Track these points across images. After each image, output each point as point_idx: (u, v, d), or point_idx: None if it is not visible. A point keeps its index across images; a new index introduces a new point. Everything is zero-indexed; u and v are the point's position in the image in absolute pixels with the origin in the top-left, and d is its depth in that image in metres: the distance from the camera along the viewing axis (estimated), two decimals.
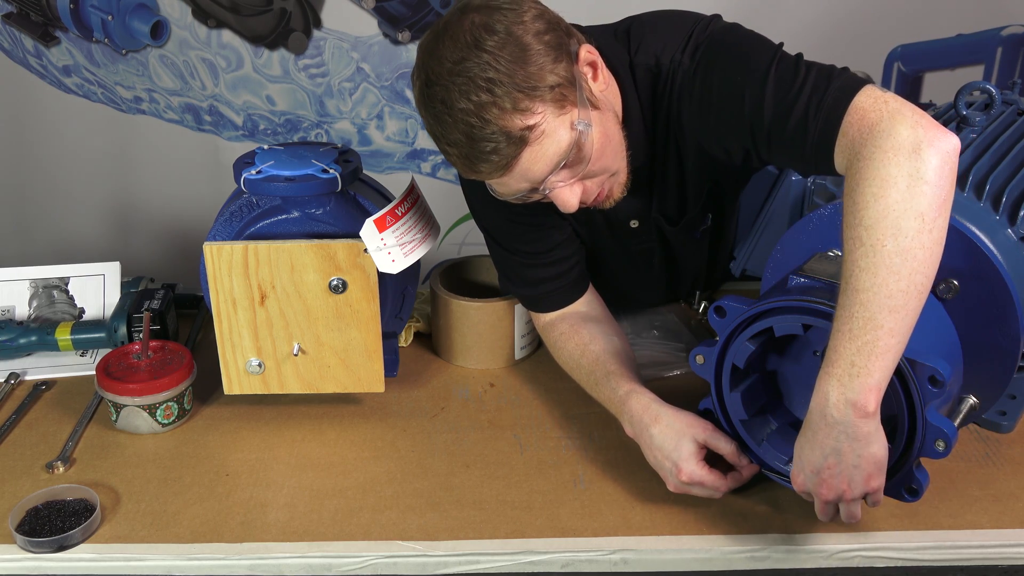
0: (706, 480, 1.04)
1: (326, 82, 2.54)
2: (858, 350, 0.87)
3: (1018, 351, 1.03)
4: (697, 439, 1.05)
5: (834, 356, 0.88)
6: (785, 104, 0.99)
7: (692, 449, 1.05)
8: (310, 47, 2.50)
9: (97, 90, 2.56)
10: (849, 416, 0.88)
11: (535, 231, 1.26)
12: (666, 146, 1.18)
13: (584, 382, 1.24)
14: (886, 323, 0.86)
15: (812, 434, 0.92)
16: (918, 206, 0.86)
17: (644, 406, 1.11)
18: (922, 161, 0.87)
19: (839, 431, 0.89)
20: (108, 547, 1.02)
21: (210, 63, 2.51)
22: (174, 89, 2.55)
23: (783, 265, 1.15)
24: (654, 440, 1.08)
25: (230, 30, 2.47)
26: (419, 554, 1.02)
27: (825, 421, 0.90)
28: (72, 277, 1.45)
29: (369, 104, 2.57)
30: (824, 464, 0.92)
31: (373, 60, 2.51)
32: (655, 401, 1.11)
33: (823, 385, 0.89)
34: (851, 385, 0.87)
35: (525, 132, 0.98)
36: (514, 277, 1.31)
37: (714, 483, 1.04)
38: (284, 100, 2.57)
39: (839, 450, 0.90)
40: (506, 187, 1.06)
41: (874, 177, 0.88)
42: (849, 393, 0.87)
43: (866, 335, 0.86)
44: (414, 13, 2.46)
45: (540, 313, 1.31)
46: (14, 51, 2.51)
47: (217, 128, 2.60)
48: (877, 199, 0.87)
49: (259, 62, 2.52)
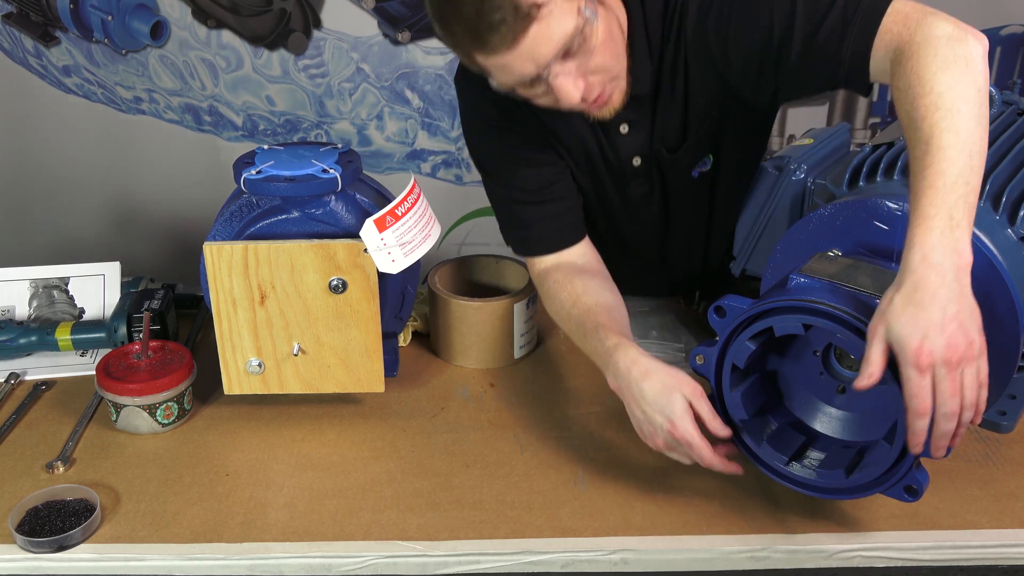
0: (695, 442, 1.02)
1: (326, 82, 2.54)
2: (954, 203, 0.87)
3: (1018, 351, 1.03)
4: (687, 396, 1.04)
5: (931, 210, 0.87)
6: (818, 10, 1.05)
7: (685, 406, 1.03)
8: (310, 47, 2.50)
9: (97, 90, 2.56)
10: (954, 263, 0.86)
11: (532, 168, 1.29)
12: (673, 70, 1.21)
13: (573, 333, 1.24)
14: (971, 181, 0.89)
15: (920, 292, 0.85)
16: (976, 81, 0.93)
17: (632, 360, 1.09)
18: (969, 48, 0.95)
19: (949, 280, 0.85)
20: (108, 547, 1.02)
21: (210, 63, 2.51)
22: (174, 89, 2.55)
23: (783, 265, 1.15)
24: (645, 395, 1.06)
25: (230, 30, 2.47)
26: (419, 554, 1.02)
27: (935, 270, 0.85)
28: (72, 277, 1.45)
29: (369, 104, 2.57)
30: (944, 318, 0.84)
31: (373, 60, 2.51)
32: (643, 355, 1.10)
33: (924, 238, 0.87)
34: (953, 236, 0.86)
35: (533, 9, 1.02)
36: (510, 220, 1.33)
37: (701, 448, 1.02)
38: (284, 100, 2.57)
39: (953, 301, 0.85)
40: (510, 71, 1.08)
41: (935, 56, 0.94)
42: (952, 242, 0.86)
43: (958, 190, 0.88)
44: (414, 13, 2.46)
45: (535, 258, 1.32)
46: (14, 51, 2.52)
47: (217, 128, 2.60)
48: (944, 72, 0.93)
49: (259, 62, 2.52)
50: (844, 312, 0.93)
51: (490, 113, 1.29)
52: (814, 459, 1.04)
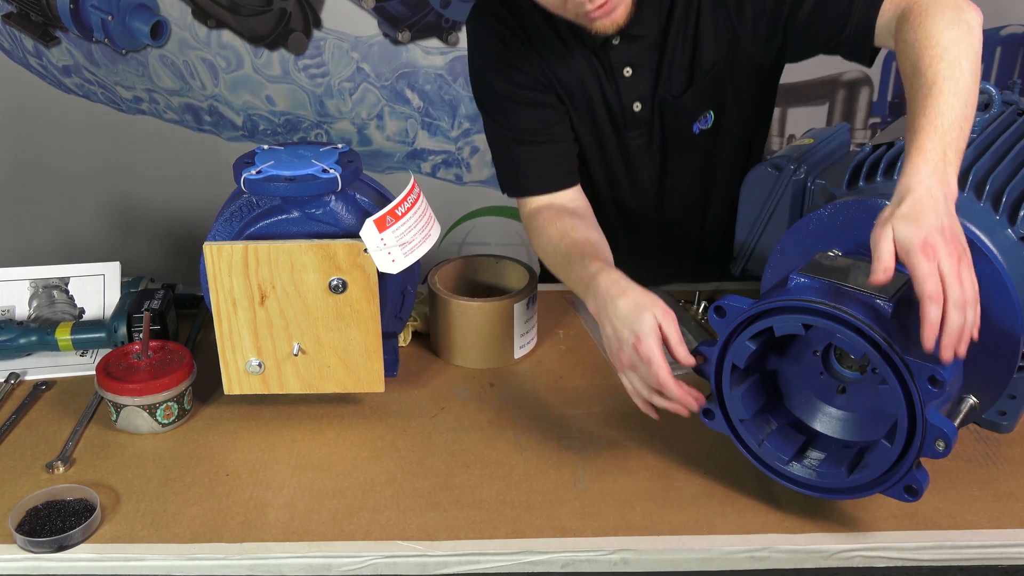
0: (655, 359, 1.03)
1: (326, 82, 2.54)
2: (949, 143, 0.95)
3: (1018, 351, 1.03)
4: (656, 316, 1.05)
5: (929, 144, 0.95)
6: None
7: (653, 325, 1.05)
8: (310, 47, 2.50)
9: (97, 90, 2.56)
10: (944, 193, 0.93)
11: (532, 108, 1.34)
12: (685, 16, 1.26)
13: (558, 265, 1.27)
14: (964, 127, 0.98)
15: (919, 205, 0.92)
16: (974, 45, 1.02)
17: (613, 280, 1.12)
18: (970, 16, 1.05)
19: (941, 203, 0.92)
20: (108, 547, 1.02)
21: (210, 63, 2.51)
22: (174, 89, 2.55)
23: (783, 265, 1.15)
24: (618, 310, 1.08)
25: (230, 30, 2.47)
26: (419, 554, 1.02)
27: (929, 193, 0.92)
28: (72, 277, 1.45)
29: (369, 104, 2.57)
30: (942, 225, 0.91)
31: (373, 60, 2.51)
32: (624, 278, 1.13)
33: (920, 167, 0.94)
34: (945, 171, 0.94)
35: None
36: (506, 160, 1.38)
37: (660, 366, 1.03)
38: (284, 100, 2.57)
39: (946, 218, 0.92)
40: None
41: (941, 15, 1.04)
42: (944, 175, 0.94)
43: (954, 132, 0.96)
44: (414, 13, 2.46)
45: (527, 198, 1.36)
46: (14, 51, 2.52)
47: (217, 128, 2.60)
48: (949, 30, 1.02)
49: (259, 62, 2.52)
50: (844, 312, 0.93)
51: (497, 51, 1.34)
52: (814, 459, 1.04)
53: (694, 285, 1.59)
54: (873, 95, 2.57)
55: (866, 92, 2.56)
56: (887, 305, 0.95)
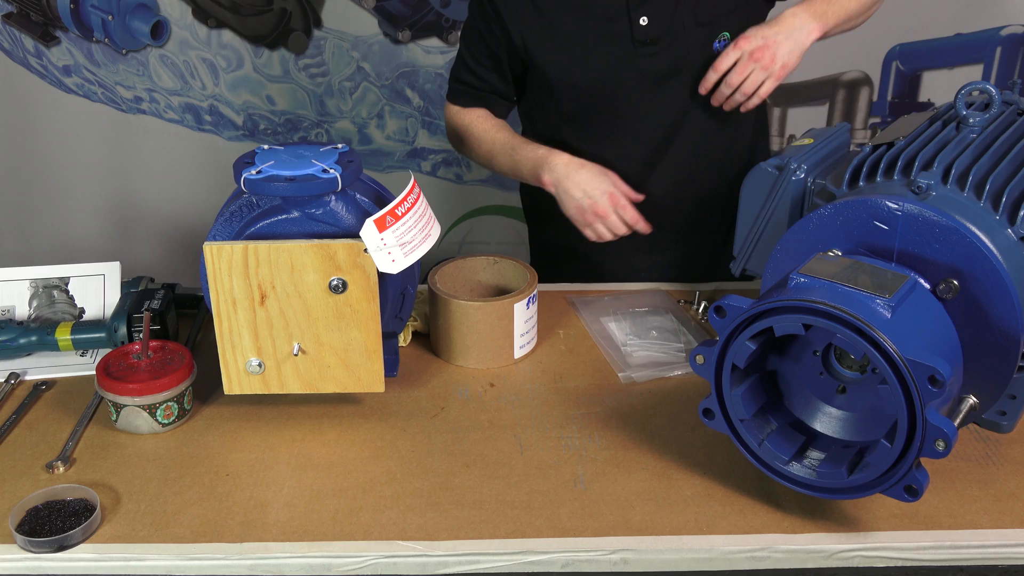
0: (624, 202, 1.42)
1: (326, 81, 2.54)
2: (830, 4, 1.40)
3: (1018, 351, 1.03)
4: (611, 180, 1.42)
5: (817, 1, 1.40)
6: None
7: (616, 180, 1.42)
8: (310, 47, 2.50)
9: (97, 90, 2.56)
10: (809, 26, 1.37)
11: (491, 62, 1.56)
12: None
13: (499, 150, 1.54)
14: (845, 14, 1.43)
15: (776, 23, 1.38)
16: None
17: (569, 158, 1.44)
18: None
19: (798, 29, 1.37)
20: (108, 547, 1.02)
21: (210, 63, 2.52)
22: (174, 89, 2.55)
23: (783, 265, 1.15)
24: (583, 177, 1.42)
25: (230, 30, 2.48)
26: (419, 554, 1.02)
27: (798, 18, 1.37)
28: (72, 277, 1.45)
29: (369, 103, 2.58)
30: (778, 36, 1.36)
31: (373, 59, 2.51)
32: (573, 156, 1.45)
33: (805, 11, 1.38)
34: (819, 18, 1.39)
35: None
36: (458, 68, 1.61)
37: (627, 206, 1.42)
38: (284, 100, 2.57)
39: (791, 34, 1.36)
40: None
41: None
42: (817, 18, 1.38)
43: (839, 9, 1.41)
44: (414, 12, 2.46)
45: (457, 106, 1.62)
46: (14, 51, 2.52)
47: (217, 128, 2.60)
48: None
49: (259, 62, 2.52)
50: (844, 312, 0.93)
51: None
52: (814, 459, 1.04)
53: (694, 285, 1.59)
54: (873, 95, 2.57)
55: (866, 92, 2.56)
56: (887, 305, 0.95)
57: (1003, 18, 2.43)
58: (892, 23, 2.43)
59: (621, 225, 1.43)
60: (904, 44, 2.49)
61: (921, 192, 1.07)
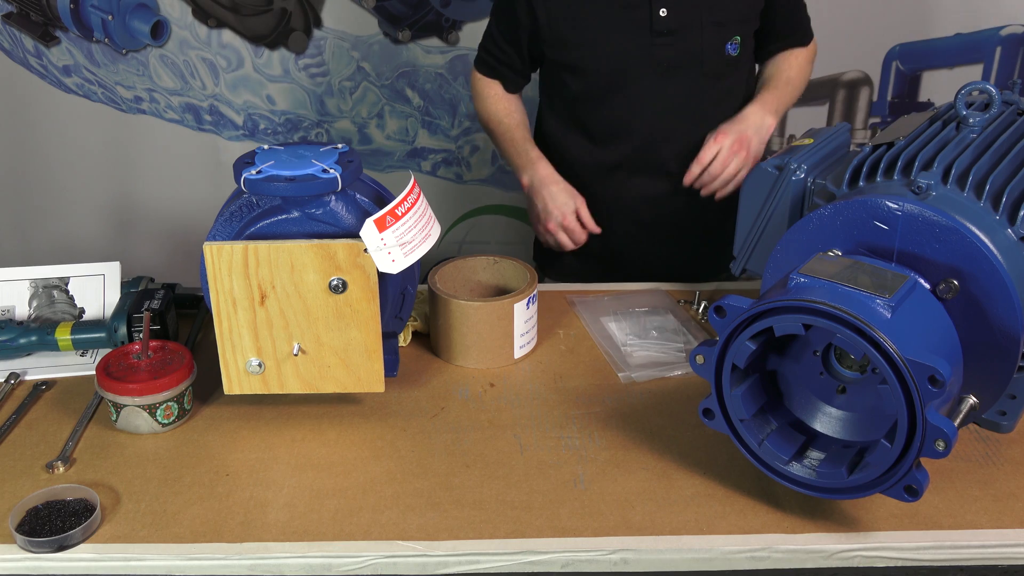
0: (577, 228, 1.61)
1: (326, 81, 2.54)
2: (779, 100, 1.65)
3: (1018, 351, 1.03)
4: (577, 203, 1.61)
5: (770, 99, 1.63)
6: None
7: (578, 206, 1.61)
8: (310, 46, 2.50)
9: (97, 90, 2.56)
10: (768, 122, 1.60)
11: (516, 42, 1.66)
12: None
13: (501, 135, 1.72)
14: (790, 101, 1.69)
15: (741, 120, 1.59)
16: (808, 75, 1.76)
17: (549, 172, 1.64)
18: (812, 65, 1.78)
19: (760, 124, 1.59)
20: (108, 547, 1.02)
21: (210, 63, 2.51)
22: (174, 89, 2.55)
23: (783, 265, 1.15)
24: (554, 194, 1.62)
25: (230, 30, 2.47)
26: (419, 554, 1.02)
27: (756, 114, 1.60)
28: (72, 277, 1.45)
29: (369, 103, 2.57)
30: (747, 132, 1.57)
31: (373, 59, 2.51)
32: (555, 172, 1.64)
33: (763, 109, 1.61)
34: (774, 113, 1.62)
35: None
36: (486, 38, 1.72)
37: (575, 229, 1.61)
38: (284, 100, 2.57)
39: (758, 130, 1.59)
40: None
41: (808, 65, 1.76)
42: (768, 111, 1.61)
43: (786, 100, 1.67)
44: (414, 12, 2.46)
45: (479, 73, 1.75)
46: (14, 51, 2.52)
47: (217, 128, 2.60)
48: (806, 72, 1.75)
49: (259, 62, 2.52)
50: (844, 312, 0.93)
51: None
52: (814, 459, 1.04)
53: (694, 285, 1.59)
54: (873, 95, 2.57)
55: (866, 92, 2.56)
56: (887, 305, 0.95)
57: (1003, 18, 2.43)
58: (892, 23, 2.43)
59: (568, 243, 1.63)
60: (904, 44, 2.49)
61: (921, 192, 1.07)
